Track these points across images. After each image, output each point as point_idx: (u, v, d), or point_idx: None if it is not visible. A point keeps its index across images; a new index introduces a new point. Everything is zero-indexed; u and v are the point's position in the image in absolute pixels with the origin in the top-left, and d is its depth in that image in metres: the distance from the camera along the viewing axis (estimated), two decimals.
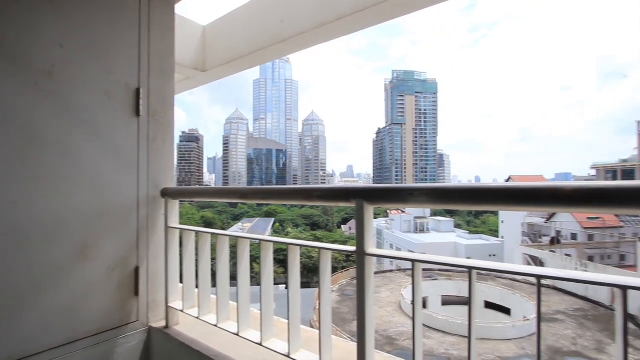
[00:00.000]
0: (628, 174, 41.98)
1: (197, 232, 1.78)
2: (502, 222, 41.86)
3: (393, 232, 42.40)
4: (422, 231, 42.35)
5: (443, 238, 38.31)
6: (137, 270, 1.87)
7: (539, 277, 0.77)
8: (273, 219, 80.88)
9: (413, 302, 0.97)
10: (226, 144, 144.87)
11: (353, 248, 1.05)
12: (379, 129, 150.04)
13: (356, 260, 1.05)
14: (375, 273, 24.12)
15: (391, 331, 14.80)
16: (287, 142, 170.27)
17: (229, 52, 3.91)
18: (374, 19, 2.92)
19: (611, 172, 43.68)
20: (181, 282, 1.91)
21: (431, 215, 45.35)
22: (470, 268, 0.86)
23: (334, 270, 28.34)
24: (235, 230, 66.88)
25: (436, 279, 21.49)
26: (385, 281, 21.97)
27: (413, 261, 0.97)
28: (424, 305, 19.19)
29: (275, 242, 1.38)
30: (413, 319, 0.97)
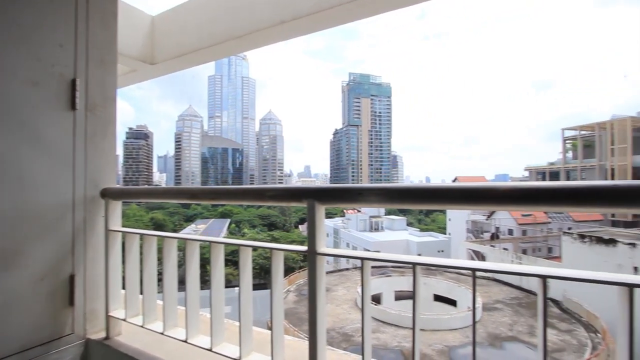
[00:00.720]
0: (554, 175, 47.38)
1: (141, 235, 1.67)
2: (450, 220, 44.71)
3: (349, 231, 43.35)
4: (376, 230, 43.82)
5: (396, 236, 40.03)
6: (72, 278, 1.71)
7: (474, 270, 0.84)
8: (229, 220, 78.62)
9: (362, 298, 1.00)
10: (178, 141, 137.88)
11: (305, 248, 1.06)
12: (336, 129, 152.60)
13: (307, 260, 1.05)
14: (332, 272, 24.48)
15: (347, 328, 15.11)
16: (243, 141, 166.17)
17: (180, 46, 3.73)
18: (330, 21, 2.96)
19: (541, 174, 49.01)
20: (124, 289, 1.78)
21: (385, 214, 47.10)
22: (414, 264, 0.91)
23: (292, 270, 28.20)
24: (188, 232, 63.96)
25: (390, 276, 22.33)
26: (342, 279, 22.37)
27: (362, 259, 1.00)
28: (378, 301, 19.85)
29: (226, 244, 1.35)
30: (362, 314, 1.00)
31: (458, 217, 40.49)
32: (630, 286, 0.67)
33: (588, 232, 19.93)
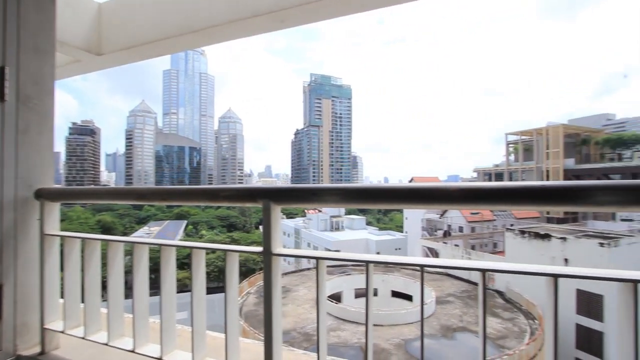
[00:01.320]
0: (499, 176, 51.52)
1: (83, 239, 1.54)
2: (406, 218, 46.63)
3: (310, 231, 43.56)
4: (337, 229, 44.47)
5: (356, 235, 40.93)
6: (0, 288, 1.53)
7: (422, 267, 0.88)
8: (185, 222, 75.33)
9: (317, 297, 1.01)
10: (130, 138, 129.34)
11: (260, 249, 1.05)
12: (297, 130, 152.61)
13: (263, 261, 1.04)
14: (294, 272, 24.43)
15: (308, 327, 15.16)
16: (201, 139, 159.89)
17: (131, 37, 3.50)
18: (291, 20, 2.95)
19: (488, 175, 53.11)
20: (63, 298, 1.63)
21: (346, 214, 47.95)
22: (367, 262, 0.93)
23: (253, 271, 27.66)
24: (141, 235, 60.23)
25: (350, 274, 22.78)
26: (303, 279, 22.40)
27: (317, 259, 1.01)
28: (339, 299, 20.18)
29: (177, 247, 1.29)
30: (317, 313, 1.01)
31: (414, 216, 42.36)
32: (555, 276, 0.75)
33: (527, 229, 21.86)
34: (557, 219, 38.03)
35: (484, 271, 0.81)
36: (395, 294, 21.63)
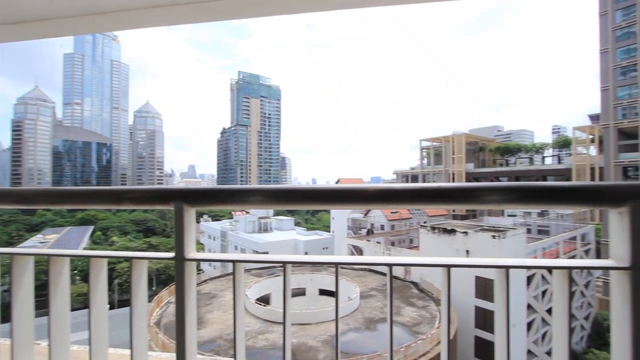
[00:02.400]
0: (414, 178, 56.89)
1: None
2: (333, 218, 48.34)
3: (237, 233, 42.21)
4: (265, 231, 43.91)
5: (285, 236, 40.94)
6: None
7: (337, 264, 0.92)
8: (92, 227, 66.40)
9: (234, 301, 0.98)
10: (18, 130, 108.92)
11: (171, 254, 0.97)
12: (224, 128, 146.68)
13: (175, 267, 0.97)
14: (220, 276, 23.35)
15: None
16: (113, 134, 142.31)
17: (18, 10, 2.94)
18: (215, 14, 2.81)
19: (405, 177, 58.42)
20: None
21: (274, 215, 47.64)
22: (284, 263, 0.94)
23: (171, 278, 25.60)
24: (32, 244, 51.16)
25: (278, 275, 22.69)
26: (230, 283, 21.49)
27: (234, 262, 0.98)
28: (267, 302, 19.94)
29: (72, 256, 1.12)
30: (234, 317, 0.99)
31: (340, 216, 44.09)
32: (448, 266, 0.85)
33: (437, 225, 24.50)
34: (461, 216, 43.47)
35: (390, 265, 0.89)
36: (323, 292, 22.24)
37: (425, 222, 29.12)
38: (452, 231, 22.05)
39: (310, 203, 0.96)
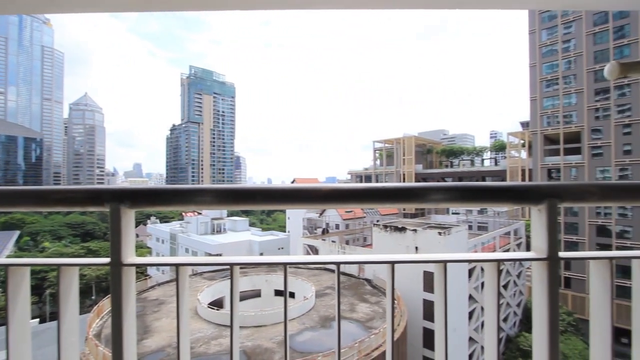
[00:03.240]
0: (368, 178, 58.73)
1: None
2: (289, 218, 48.16)
3: (189, 235, 40.29)
4: (219, 232, 42.44)
5: (239, 237, 39.91)
6: None
7: (285, 265, 0.92)
8: (18, 232, 59.05)
9: (177, 307, 0.93)
10: None
11: (106, 259, 0.90)
12: (174, 125, 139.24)
13: (110, 273, 0.90)
14: (169, 281, 22.09)
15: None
16: (44, 128, 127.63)
17: None
18: (168, 4, 2.65)
19: (359, 177, 60.08)
20: None
21: (228, 216, 46.24)
22: (231, 264, 0.91)
23: None
24: None
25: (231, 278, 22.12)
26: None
27: (177, 265, 0.93)
28: (221, 305, 19.27)
29: None
30: (177, 324, 0.94)
31: (296, 216, 44.07)
32: (392, 263, 0.89)
33: (388, 223, 25.53)
34: (411, 214, 45.79)
35: (338, 264, 0.90)
36: (279, 293, 22.05)
37: (378, 221, 30.19)
38: (402, 229, 23.11)
39: (263, 203, 0.95)
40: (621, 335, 20.94)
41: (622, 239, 33.82)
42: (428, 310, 20.92)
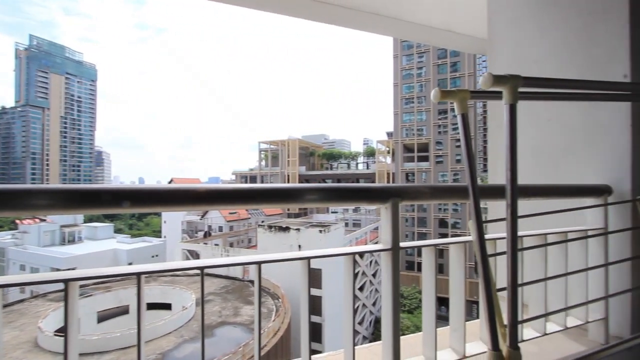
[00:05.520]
0: (253, 178, 58.26)
1: None
2: (165, 222, 43.48)
3: (26, 248, 31.88)
4: (72, 242, 34.96)
5: (100, 246, 33.77)
6: None
7: (138, 274, 0.86)
8: None
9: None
10: None
11: None
12: (4, 108, 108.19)
13: None
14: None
15: None
16: None
17: None
18: None
19: (244, 177, 59.02)
20: None
21: (84, 222, 38.66)
22: (66, 280, 0.79)
23: None
24: None
25: (91, 295, 18.57)
26: (14, 316, 16.32)
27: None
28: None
29: None
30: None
31: (173, 219, 40.19)
32: (259, 263, 0.94)
33: (273, 224, 25.94)
34: (295, 214, 47.53)
35: (202, 268, 0.89)
36: (153, 306, 19.68)
37: (263, 222, 30.26)
38: (286, 229, 23.82)
39: (124, 206, 0.84)
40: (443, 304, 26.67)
41: (455, 229, 43.07)
42: (311, 305, 22.14)
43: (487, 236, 1.23)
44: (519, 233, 1.18)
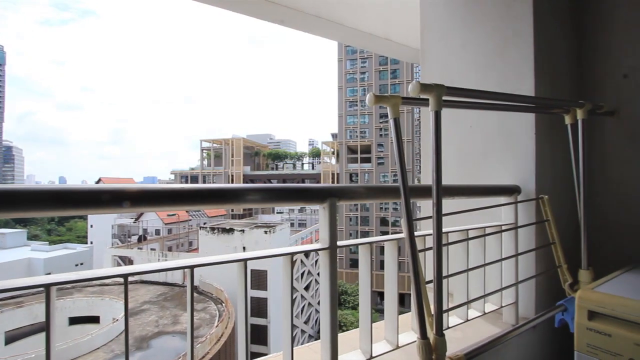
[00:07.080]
0: (194, 178, 55.32)
1: None
2: (92, 226, 39.25)
3: None
4: None
5: (9, 255, 29.29)
6: None
7: (48, 286, 0.77)
8: None
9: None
10: None
11: None
12: None
13: None
14: None
15: None
16: None
17: None
18: None
19: (184, 177, 55.69)
20: None
21: None
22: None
23: None
24: None
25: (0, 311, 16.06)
26: None
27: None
28: None
29: None
30: None
31: (102, 223, 36.47)
32: (191, 267, 0.91)
33: (216, 225, 24.93)
34: (239, 215, 46.19)
35: (125, 276, 0.83)
36: (77, 320, 17.62)
37: (205, 223, 28.89)
38: (230, 230, 23.05)
39: (34, 209, 0.73)
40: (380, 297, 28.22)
41: (395, 227, 45.56)
42: (255, 307, 21.71)
43: (416, 233, 1.32)
44: (444, 229, 1.29)
